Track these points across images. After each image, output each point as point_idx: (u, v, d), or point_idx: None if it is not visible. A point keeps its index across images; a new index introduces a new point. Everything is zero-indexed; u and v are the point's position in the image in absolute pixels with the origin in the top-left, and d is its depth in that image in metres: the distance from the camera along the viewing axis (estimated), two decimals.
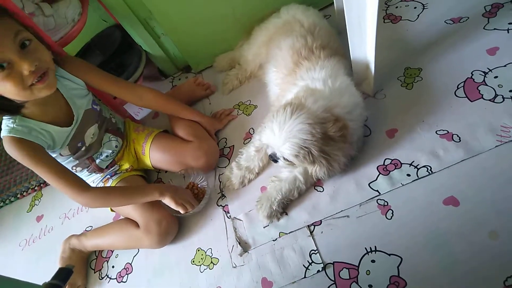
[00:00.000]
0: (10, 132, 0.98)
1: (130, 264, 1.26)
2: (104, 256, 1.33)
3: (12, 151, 0.98)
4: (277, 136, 0.94)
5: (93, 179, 1.26)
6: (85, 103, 1.16)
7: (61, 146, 1.11)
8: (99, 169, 1.26)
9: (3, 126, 0.99)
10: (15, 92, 0.91)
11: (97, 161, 1.25)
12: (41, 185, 1.70)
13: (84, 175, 1.24)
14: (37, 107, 1.02)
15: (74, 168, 1.20)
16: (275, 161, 1.03)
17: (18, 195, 1.72)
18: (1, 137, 1.00)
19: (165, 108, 1.35)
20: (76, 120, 1.12)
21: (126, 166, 1.32)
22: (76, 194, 1.03)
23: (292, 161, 0.97)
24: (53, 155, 1.10)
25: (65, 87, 1.10)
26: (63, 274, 0.65)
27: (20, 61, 0.88)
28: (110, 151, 1.27)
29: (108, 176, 1.28)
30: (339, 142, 0.96)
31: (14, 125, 0.99)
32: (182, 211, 1.14)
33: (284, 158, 0.99)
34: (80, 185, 1.04)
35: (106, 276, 1.27)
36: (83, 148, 1.18)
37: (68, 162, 1.17)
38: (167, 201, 1.13)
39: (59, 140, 1.09)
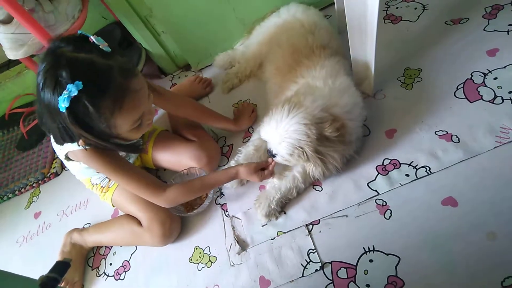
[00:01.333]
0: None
1: (128, 261, 1.26)
2: (102, 254, 1.32)
3: (92, 161, 1.00)
4: (274, 133, 0.95)
5: (99, 176, 1.26)
6: None
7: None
8: None
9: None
10: (137, 137, 0.99)
11: None
12: (39, 182, 1.69)
13: None
14: None
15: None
16: (273, 156, 1.04)
17: (16, 192, 1.71)
18: (77, 150, 0.98)
19: (201, 119, 1.34)
20: None
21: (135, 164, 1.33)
22: (155, 196, 1.07)
23: (287, 159, 0.98)
24: None
25: None
26: (60, 267, 0.64)
27: (147, 114, 0.95)
28: (135, 155, 1.29)
29: None
30: (335, 143, 0.96)
31: None
32: (264, 178, 1.11)
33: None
34: (158, 187, 1.07)
35: (103, 274, 1.27)
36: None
37: None
38: (246, 176, 1.11)
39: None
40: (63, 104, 0.76)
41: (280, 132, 0.93)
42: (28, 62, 1.54)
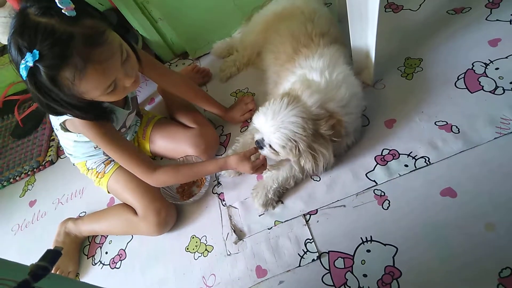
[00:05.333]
0: None
1: (124, 250, 1.25)
2: (98, 242, 1.32)
3: (89, 131, 0.98)
4: (269, 123, 0.93)
5: (95, 160, 1.25)
6: None
7: (118, 127, 1.13)
8: None
9: None
10: (115, 99, 0.93)
11: None
12: (34, 170, 1.67)
13: (99, 153, 1.23)
14: None
15: (95, 147, 1.19)
16: (261, 148, 1.02)
17: (11, 180, 1.70)
18: (75, 119, 0.96)
19: (195, 99, 1.31)
20: (128, 102, 1.14)
21: None
22: (145, 174, 1.06)
23: (278, 151, 0.97)
24: None
25: None
26: (51, 256, 0.62)
27: (124, 78, 0.87)
28: (130, 133, 1.29)
29: (111, 158, 1.25)
30: (328, 142, 0.95)
31: None
32: (256, 167, 1.06)
33: (270, 146, 0.98)
34: (150, 166, 1.06)
35: (99, 262, 1.26)
36: (123, 130, 1.20)
37: None
38: (236, 165, 1.05)
39: (120, 121, 1.12)
40: (23, 73, 0.73)
41: (276, 122, 0.92)
42: None
